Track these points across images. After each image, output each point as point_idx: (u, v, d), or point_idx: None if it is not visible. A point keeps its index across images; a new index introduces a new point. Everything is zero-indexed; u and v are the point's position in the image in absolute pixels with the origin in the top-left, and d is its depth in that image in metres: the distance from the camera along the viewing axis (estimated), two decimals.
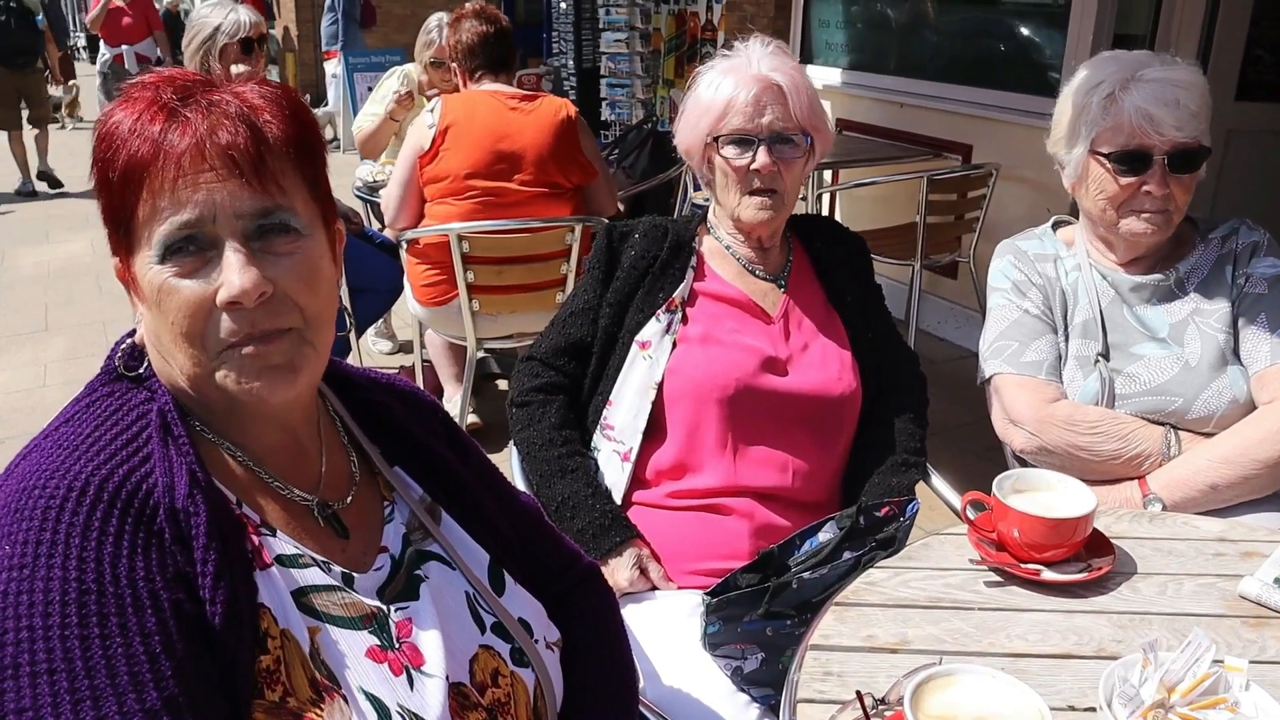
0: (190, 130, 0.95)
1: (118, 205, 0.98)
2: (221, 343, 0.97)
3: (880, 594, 1.45)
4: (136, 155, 0.95)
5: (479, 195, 3.67)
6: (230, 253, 0.96)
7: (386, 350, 5.22)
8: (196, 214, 0.95)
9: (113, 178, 0.97)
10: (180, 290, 0.96)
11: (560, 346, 1.98)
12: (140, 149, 0.95)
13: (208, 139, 0.95)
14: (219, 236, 0.96)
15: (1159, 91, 1.88)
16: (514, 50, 3.91)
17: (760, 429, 1.87)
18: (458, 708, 1.06)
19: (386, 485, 1.20)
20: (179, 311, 0.96)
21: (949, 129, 5.24)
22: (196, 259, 0.96)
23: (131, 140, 0.96)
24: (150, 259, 0.96)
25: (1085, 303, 2.01)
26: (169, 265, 0.96)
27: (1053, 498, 1.52)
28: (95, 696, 0.84)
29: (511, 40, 3.91)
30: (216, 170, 0.95)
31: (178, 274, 0.96)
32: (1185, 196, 1.92)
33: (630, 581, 1.76)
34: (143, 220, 0.96)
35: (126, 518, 0.91)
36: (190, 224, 0.95)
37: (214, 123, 0.96)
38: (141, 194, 0.96)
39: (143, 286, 0.98)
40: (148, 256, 0.97)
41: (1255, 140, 4.79)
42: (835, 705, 1.21)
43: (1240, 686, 1.11)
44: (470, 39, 3.79)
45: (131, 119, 0.97)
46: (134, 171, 0.95)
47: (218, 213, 0.96)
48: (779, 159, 1.89)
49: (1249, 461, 1.81)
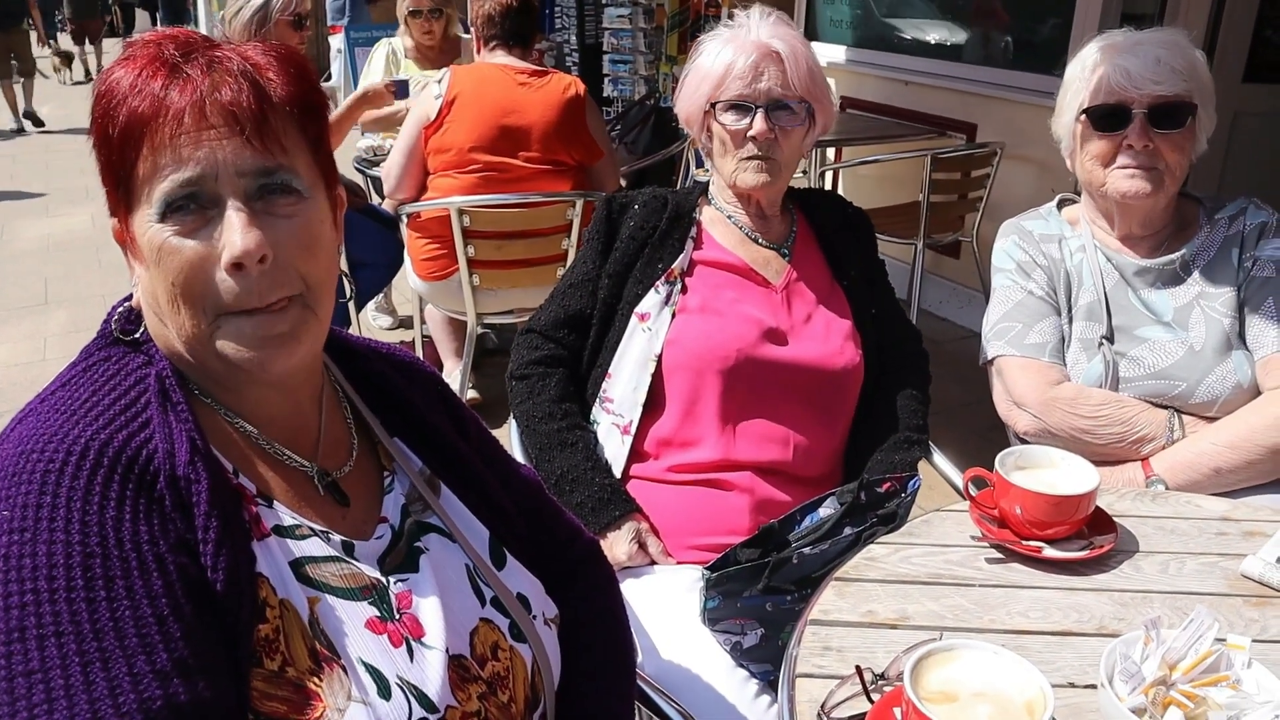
0: (192, 87, 0.94)
1: (117, 163, 0.96)
2: (221, 305, 0.96)
3: (881, 570, 1.45)
4: (136, 111, 0.94)
5: (482, 169, 3.66)
6: (232, 212, 0.95)
7: (387, 325, 5.21)
8: (198, 171, 0.94)
9: (112, 134, 0.95)
10: (181, 249, 0.95)
11: (559, 319, 1.97)
12: (140, 105, 0.93)
13: (210, 96, 0.94)
14: (220, 195, 0.95)
15: (1138, 50, 1.90)
16: (535, 28, 3.89)
17: (761, 401, 1.86)
18: (457, 680, 1.05)
19: (386, 456, 1.19)
20: (179, 271, 0.95)
21: (953, 107, 5.21)
22: (197, 218, 0.95)
23: (132, 97, 0.94)
24: (150, 217, 0.95)
25: (1090, 285, 2.00)
26: (169, 224, 0.95)
27: (1055, 475, 1.51)
28: (105, 658, 0.83)
29: (535, 18, 3.88)
30: (218, 128, 0.94)
31: (178, 233, 0.95)
32: (1175, 155, 1.90)
33: (629, 555, 1.76)
34: (142, 178, 0.95)
35: (127, 483, 0.90)
36: (192, 181, 0.94)
37: (216, 80, 0.95)
38: (141, 151, 0.94)
39: (141, 246, 0.97)
40: (147, 215, 0.95)
41: (1263, 121, 4.77)
42: (834, 680, 1.20)
43: (1242, 664, 1.11)
44: (492, 8, 3.76)
45: (132, 75, 0.95)
46: (134, 128, 0.94)
47: (219, 170, 0.94)
48: (777, 126, 1.88)
49: (1253, 446, 1.81)
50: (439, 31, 4.81)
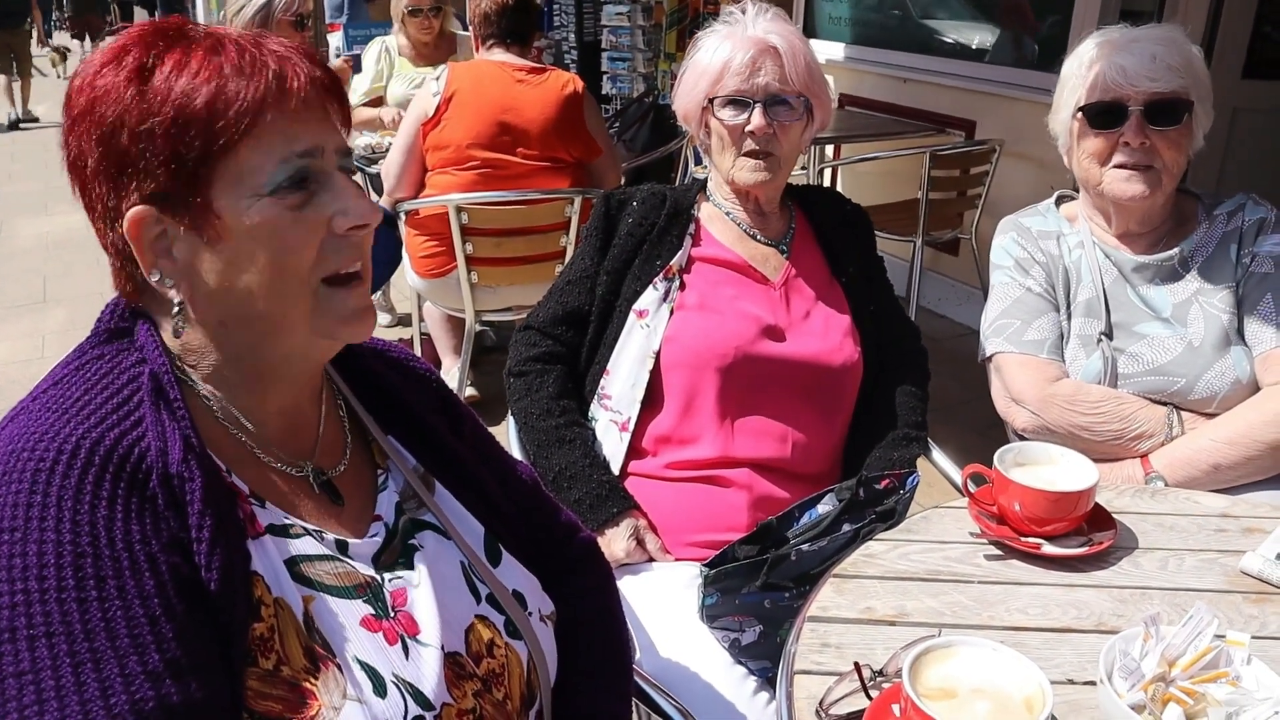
0: (291, 69, 0.97)
1: (199, 145, 0.93)
2: (328, 269, 0.99)
3: (879, 566, 1.44)
4: (254, 92, 0.94)
5: (480, 166, 3.65)
6: (344, 180, 0.99)
7: (385, 323, 5.20)
8: (311, 144, 0.97)
9: (198, 115, 0.92)
10: (299, 222, 0.97)
11: (558, 315, 1.97)
12: (249, 90, 0.94)
13: (300, 78, 0.97)
14: (325, 169, 0.99)
15: (1134, 48, 1.90)
16: (534, 26, 3.88)
17: (759, 398, 1.86)
18: (453, 677, 1.05)
19: (380, 453, 1.19)
20: (299, 242, 0.97)
21: (952, 104, 5.21)
22: (303, 193, 0.97)
23: (236, 78, 0.94)
24: (249, 198, 0.95)
25: (1088, 281, 1.99)
26: (280, 198, 0.96)
27: (1054, 471, 1.51)
28: (96, 659, 0.82)
29: (534, 16, 3.88)
30: (313, 109, 0.98)
31: (290, 205, 0.96)
32: (1173, 153, 1.90)
33: (627, 552, 1.75)
34: (244, 158, 0.94)
35: (119, 482, 0.90)
36: (308, 153, 0.97)
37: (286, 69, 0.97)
38: (242, 131, 0.93)
39: (243, 228, 0.95)
40: (244, 197, 0.94)
41: (1263, 118, 4.77)
42: (833, 677, 1.20)
43: (1242, 661, 1.11)
44: (488, 6, 3.75)
45: (210, 65, 0.94)
46: (246, 110, 0.93)
47: (325, 145, 0.98)
48: (775, 121, 1.88)
49: (1252, 443, 1.80)
50: (437, 28, 4.81)
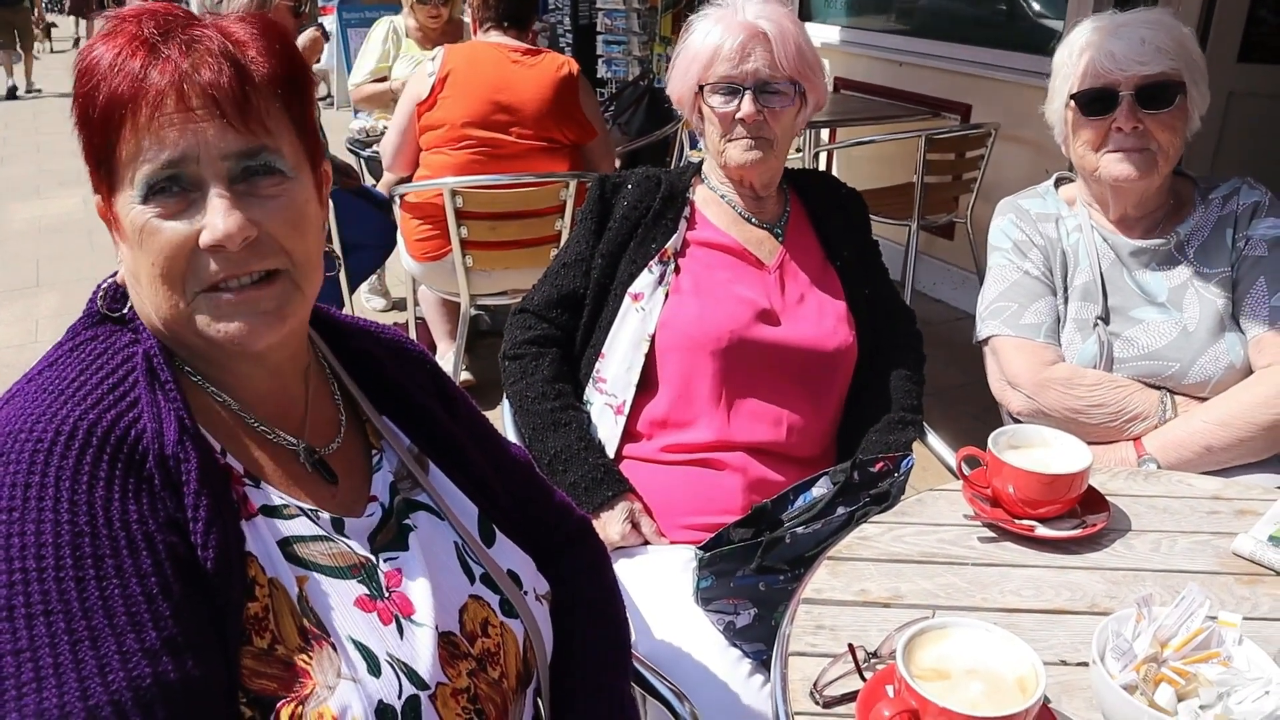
0: (171, 67, 0.93)
1: (99, 143, 0.95)
2: (202, 283, 0.96)
3: (873, 549, 1.44)
4: (117, 92, 0.92)
5: (475, 146, 3.64)
6: (215, 196, 0.94)
7: (380, 307, 5.20)
8: (179, 153, 0.93)
9: (93, 114, 0.94)
10: (162, 231, 0.94)
11: (553, 299, 1.96)
12: (120, 86, 0.92)
13: (189, 77, 0.93)
14: (203, 178, 0.94)
15: (1122, 32, 1.89)
16: (532, 11, 3.87)
17: (753, 381, 1.86)
18: (447, 657, 1.05)
19: (375, 434, 1.19)
20: (160, 253, 0.94)
21: (948, 88, 5.19)
22: (180, 200, 0.94)
23: (112, 77, 0.93)
24: (133, 199, 0.94)
25: (1086, 265, 1.99)
26: (151, 205, 0.94)
27: (1048, 454, 1.51)
28: (94, 637, 0.82)
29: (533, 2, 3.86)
30: (198, 110, 0.93)
31: (160, 215, 0.94)
32: (1167, 135, 1.89)
33: (622, 535, 1.76)
34: (125, 159, 0.94)
35: (116, 462, 0.90)
36: (173, 163, 0.93)
37: (196, 60, 0.94)
38: (123, 132, 0.93)
39: (124, 226, 0.96)
40: (130, 196, 0.94)
41: (1257, 102, 4.76)
42: (827, 658, 1.20)
43: (1233, 641, 1.11)
44: None
45: (112, 54, 0.94)
46: (114, 109, 0.93)
47: (201, 153, 0.93)
48: (765, 107, 1.87)
49: (1244, 424, 1.81)
50: (445, 16, 4.80)
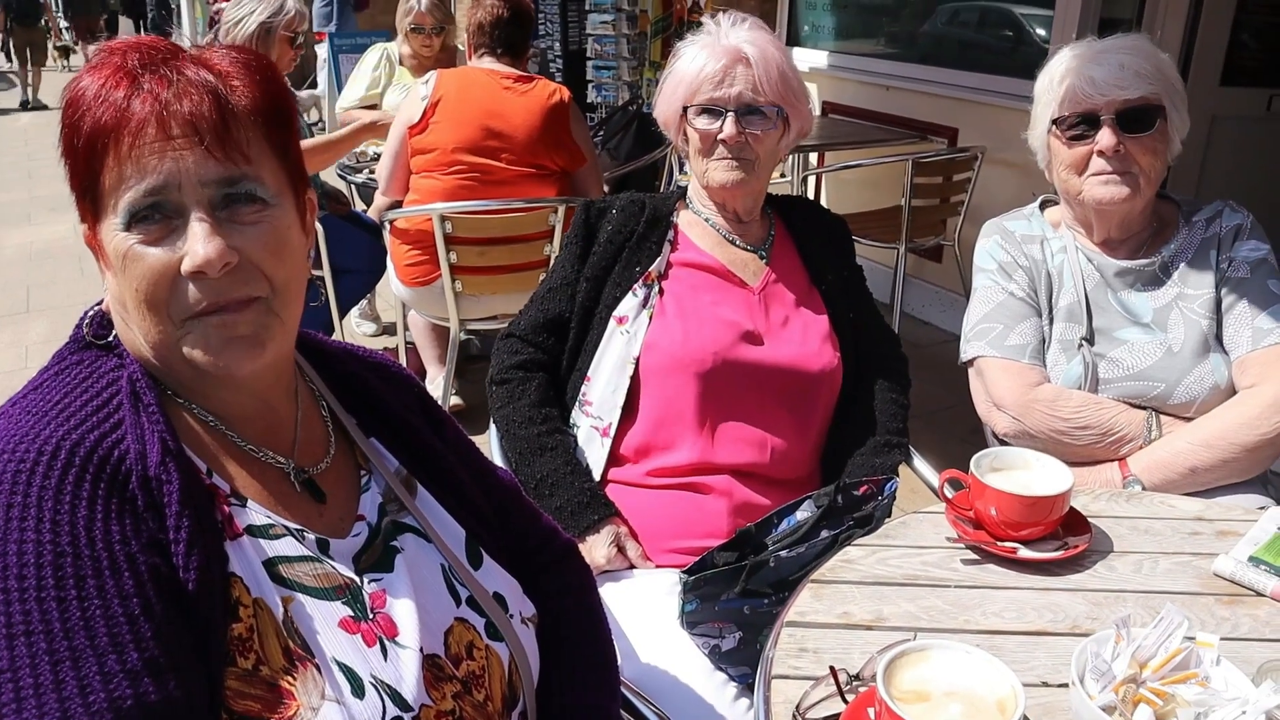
0: (153, 98, 0.95)
1: (83, 171, 0.97)
2: (186, 310, 0.97)
3: (857, 571, 1.45)
4: (100, 121, 0.94)
5: (465, 171, 3.66)
6: (195, 222, 0.95)
7: (370, 332, 5.20)
8: (161, 181, 0.94)
9: (78, 143, 0.96)
10: (145, 258, 0.95)
11: (539, 323, 1.97)
12: (103, 115, 0.94)
13: (169, 107, 0.95)
14: (184, 205, 0.96)
15: (1102, 58, 1.92)
16: (527, 40, 3.88)
17: (738, 404, 1.86)
18: (432, 679, 1.05)
19: (363, 456, 1.20)
20: (143, 279, 0.96)
21: (935, 112, 5.23)
22: (162, 227, 0.96)
23: (96, 106, 0.95)
24: (116, 226, 0.96)
25: (1070, 286, 2.01)
26: (134, 232, 0.96)
27: (1030, 476, 1.52)
28: (75, 657, 0.83)
29: (528, 30, 3.88)
30: (179, 139, 0.95)
31: (143, 241, 0.95)
32: (1149, 159, 1.91)
33: (608, 559, 1.76)
34: (108, 188, 0.96)
35: (99, 483, 0.91)
36: (155, 190, 0.95)
37: (178, 90, 0.96)
38: (106, 161, 0.95)
39: (108, 253, 0.98)
40: (113, 224, 0.96)
41: (1240, 125, 4.80)
42: (810, 681, 1.21)
43: (1211, 661, 1.12)
44: (484, 16, 3.77)
45: (97, 85, 0.96)
46: (98, 138, 0.95)
47: (182, 180, 0.95)
48: (747, 130, 1.89)
49: (1228, 445, 1.82)
50: (438, 45, 4.83)
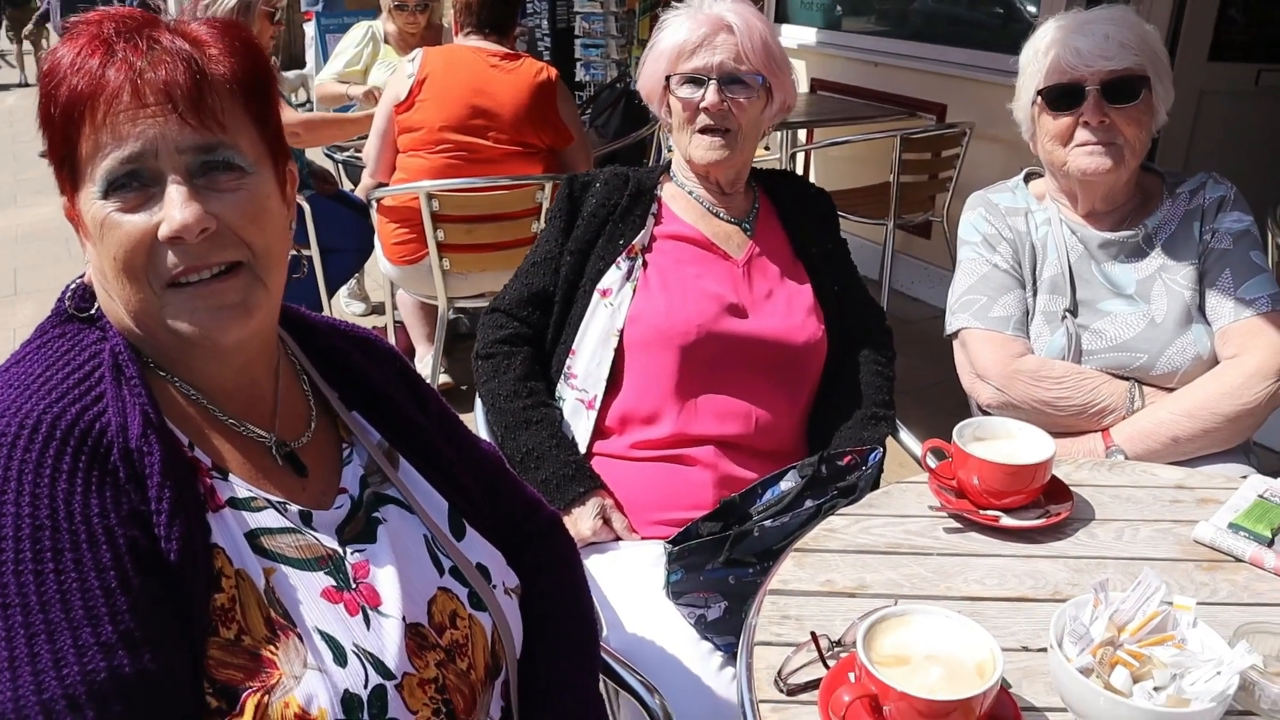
0: (127, 66, 0.94)
1: (61, 141, 0.97)
2: (165, 275, 0.97)
3: (840, 540, 1.46)
4: (76, 90, 0.94)
5: (452, 149, 3.64)
6: (172, 188, 0.95)
7: (359, 312, 5.20)
8: (138, 148, 0.94)
9: (55, 113, 0.96)
10: (122, 225, 0.95)
11: (524, 297, 1.97)
12: (79, 84, 0.94)
13: (143, 75, 0.94)
14: (161, 172, 0.96)
15: (1087, 29, 1.92)
16: (514, 18, 3.86)
17: (722, 376, 1.87)
18: (415, 648, 1.06)
19: (345, 428, 1.20)
20: (120, 246, 0.96)
21: (923, 88, 5.22)
22: (140, 194, 0.96)
23: (71, 75, 0.95)
24: (94, 194, 0.96)
25: (1054, 258, 2.01)
26: (112, 200, 0.96)
27: (1013, 445, 1.53)
28: (50, 631, 0.83)
29: (515, 9, 3.87)
30: (152, 106, 0.95)
31: (120, 209, 0.96)
32: (1133, 129, 1.92)
33: (593, 531, 1.76)
34: (85, 156, 0.96)
35: (80, 456, 0.91)
36: (132, 158, 0.95)
37: (153, 59, 0.96)
38: (83, 129, 0.95)
39: (87, 222, 0.98)
40: (91, 192, 0.96)
41: (1228, 100, 4.81)
42: (791, 647, 1.22)
43: (1188, 624, 1.13)
44: None
45: (72, 54, 0.96)
46: (74, 106, 0.94)
47: (159, 147, 0.95)
48: (730, 98, 1.89)
49: (1210, 415, 1.83)
50: (423, 22, 4.81)
